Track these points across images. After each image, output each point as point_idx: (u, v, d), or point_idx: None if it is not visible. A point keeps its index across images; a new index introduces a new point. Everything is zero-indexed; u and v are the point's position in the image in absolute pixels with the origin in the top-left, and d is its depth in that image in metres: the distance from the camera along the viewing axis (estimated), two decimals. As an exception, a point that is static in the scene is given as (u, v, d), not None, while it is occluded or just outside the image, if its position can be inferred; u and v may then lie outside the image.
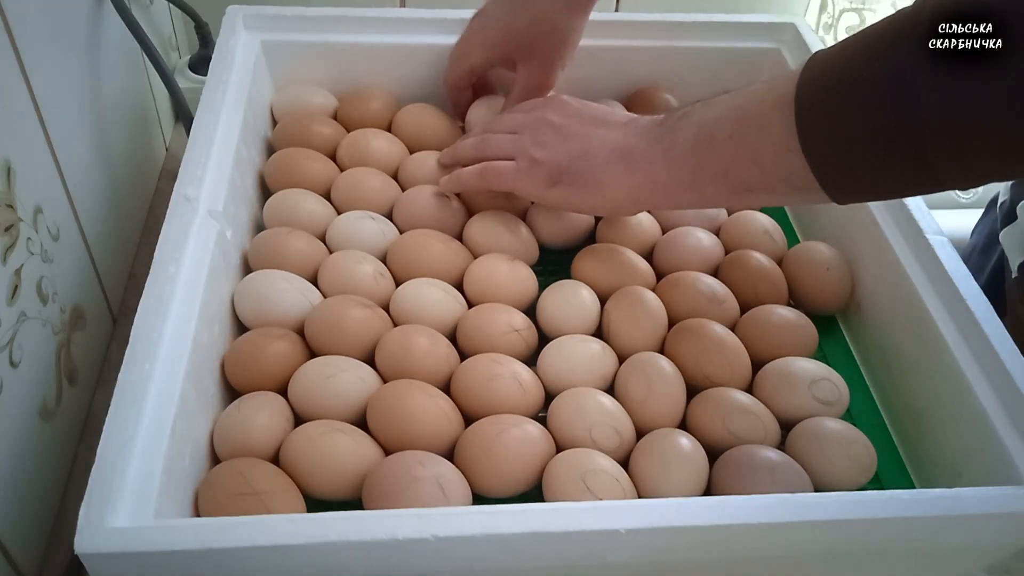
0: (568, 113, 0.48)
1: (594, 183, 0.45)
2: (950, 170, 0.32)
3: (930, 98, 0.31)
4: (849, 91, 0.33)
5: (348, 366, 0.43)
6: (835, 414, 0.45)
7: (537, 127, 0.49)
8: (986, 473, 0.41)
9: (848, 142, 0.34)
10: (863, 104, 0.33)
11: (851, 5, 0.89)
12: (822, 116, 0.35)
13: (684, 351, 0.47)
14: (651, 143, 0.43)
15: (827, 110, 0.34)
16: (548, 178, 0.47)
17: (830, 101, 0.34)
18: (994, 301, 0.44)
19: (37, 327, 0.45)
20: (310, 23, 0.60)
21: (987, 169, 0.32)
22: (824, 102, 0.35)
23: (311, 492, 0.39)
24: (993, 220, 0.65)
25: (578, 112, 0.48)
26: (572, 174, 0.46)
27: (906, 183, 0.34)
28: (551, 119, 0.48)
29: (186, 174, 0.46)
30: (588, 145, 0.46)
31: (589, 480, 0.39)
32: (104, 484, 0.33)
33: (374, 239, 0.51)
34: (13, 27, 0.43)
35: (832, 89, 0.34)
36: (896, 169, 0.33)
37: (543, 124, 0.48)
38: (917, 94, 0.31)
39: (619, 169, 0.44)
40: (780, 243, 0.55)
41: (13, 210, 0.43)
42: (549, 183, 0.47)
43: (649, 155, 0.43)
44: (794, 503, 0.35)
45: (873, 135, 0.33)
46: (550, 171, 0.47)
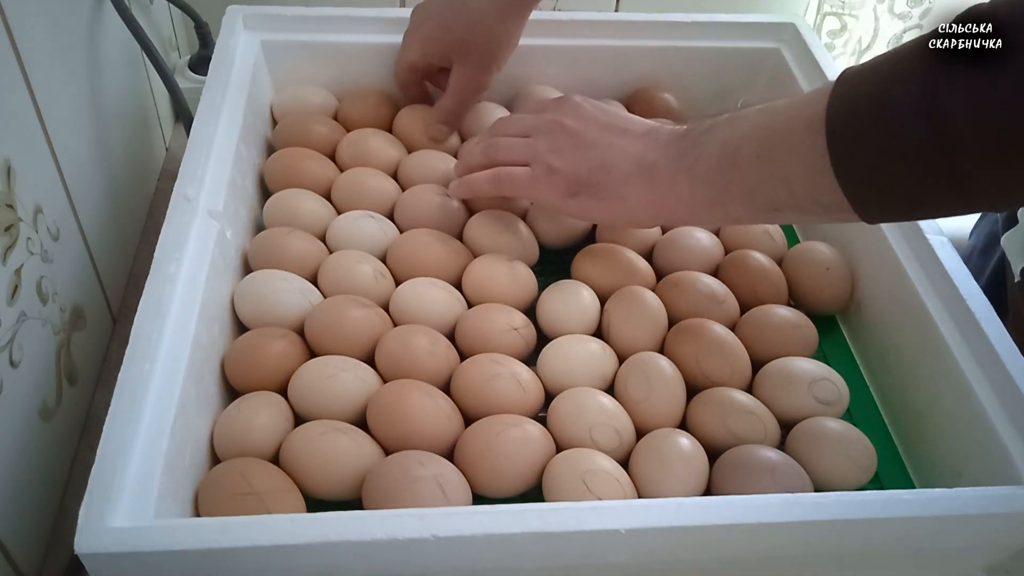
0: (584, 118, 0.46)
1: (615, 197, 0.44)
2: (984, 185, 0.31)
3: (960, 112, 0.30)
4: (882, 112, 0.33)
5: (348, 366, 0.43)
6: (835, 414, 0.45)
7: (552, 132, 0.47)
8: (986, 473, 0.41)
9: (882, 164, 0.33)
10: (896, 125, 0.32)
11: (831, 9, 0.88)
12: (854, 138, 0.34)
13: (684, 351, 0.47)
14: (674, 159, 0.42)
15: (859, 132, 0.34)
16: (566, 189, 0.45)
17: (863, 122, 0.34)
18: (996, 302, 0.44)
19: (37, 327, 0.45)
20: (310, 23, 0.60)
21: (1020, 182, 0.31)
22: (856, 124, 0.34)
23: (311, 492, 0.39)
24: (993, 221, 0.65)
25: (594, 118, 0.46)
26: (591, 186, 0.44)
27: (939, 203, 0.34)
28: (567, 124, 0.46)
29: (186, 174, 0.46)
30: (608, 156, 0.44)
31: (589, 480, 0.39)
32: (104, 484, 0.33)
33: (374, 239, 0.51)
34: (13, 27, 0.43)
35: (864, 110, 0.33)
36: (930, 189, 0.33)
37: (558, 129, 0.46)
38: (951, 111, 0.30)
39: (641, 184, 0.43)
40: (780, 243, 0.55)
41: (13, 210, 0.43)
42: (567, 194, 0.45)
43: (672, 171, 0.42)
44: (794, 503, 0.35)
45: (906, 156, 0.32)
46: (568, 182, 0.45)
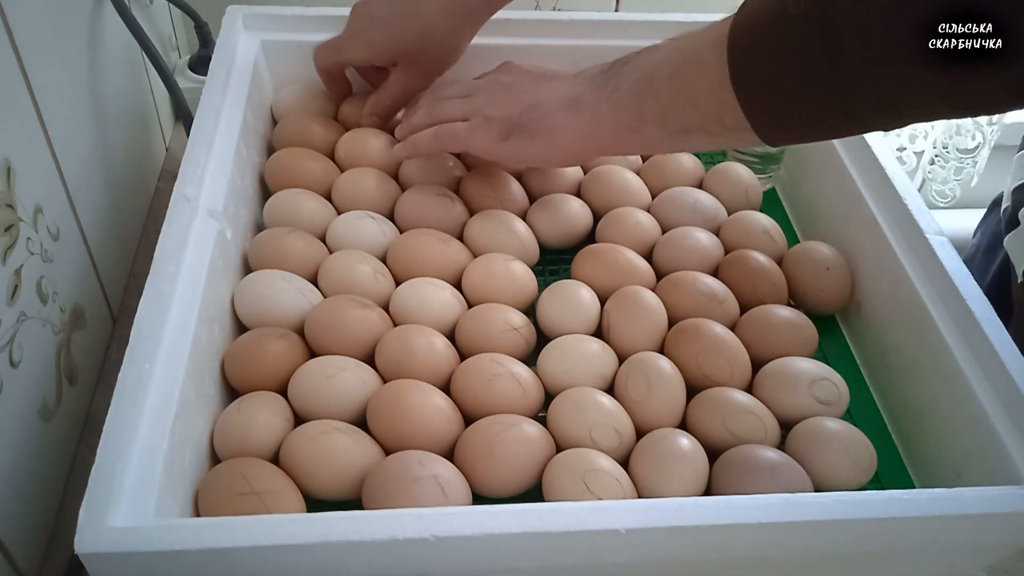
0: (519, 73, 0.50)
1: (545, 131, 0.46)
2: (865, 91, 0.32)
3: (843, 10, 0.31)
4: (776, 28, 0.34)
5: (348, 366, 0.43)
6: (835, 414, 0.45)
7: (490, 88, 0.49)
8: (986, 473, 0.41)
9: (775, 79, 0.35)
10: (787, 34, 0.33)
11: None
12: (751, 54, 0.35)
13: (684, 351, 0.47)
14: (597, 88, 0.44)
15: (756, 48, 0.35)
16: (500, 132, 0.47)
17: (759, 39, 0.35)
18: (1001, 301, 0.44)
19: (37, 327, 0.45)
20: (310, 23, 0.60)
21: (899, 86, 0.32)
22: (754, 40, 0.35)
23: (311, 492, 0.39)
24: (996, 221, 0.65)
25: (529, 72, 0.50)
26: (523, 125, 0.47)
27: (827, 115, 0.35)
28: (502, 79, 0.50)
29: (186, 174, 0.46)
30: (538, 96, 0.47)
31: (589, 480, 0.39)
32: (104, 484, 0.33)
33: (374, 239, 0.51)
34: (13, 27, 0.43)
35: (761, 26, 0.35)
36: (816, 99, 0.34)
37: (495, 84, 0.50)
38: (835, 10, 0.31)
39: (567, 115, 0.45)
40: (780, 243, 0.55)
41: (13, 210, 0.43)
42: (502, 137, 0.47)
43: (595, 99, 0.44)
44: (794, 503, 0.35)
45: (797, 71, 0.33)
46: (502, 125, 0.47)
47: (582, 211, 0.56)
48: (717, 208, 0.57)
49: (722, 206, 0.57)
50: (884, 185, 0.51)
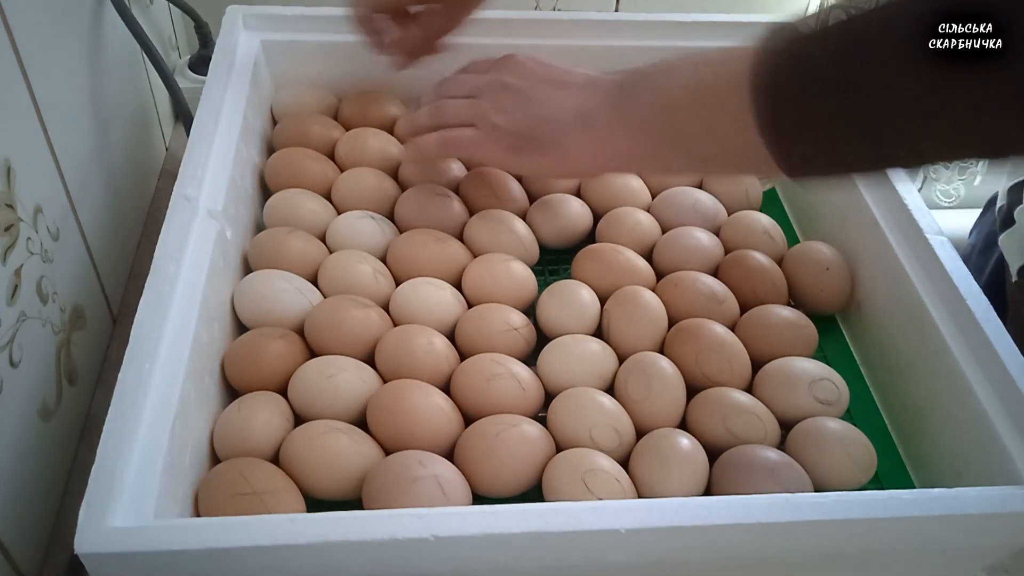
0: (526, 75, 0.48)
1: (557, 149, 0.45)
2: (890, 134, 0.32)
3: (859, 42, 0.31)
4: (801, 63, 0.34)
5: (348, 366, 0.43)
6: (835, 414, 0.45)
7: (495, 91, 0.48)
8: (986, 473, 0.41)
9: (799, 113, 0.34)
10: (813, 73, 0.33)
11: None
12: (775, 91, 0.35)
13: (684, 351, 0.47)
14: (611, 108, 0.43)
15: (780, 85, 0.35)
16: (511, 145, 0.46)
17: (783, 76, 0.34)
18: (996, 300, 0.44)
19: (37, 327, 0.45)
20: (310, 23, 0.60)
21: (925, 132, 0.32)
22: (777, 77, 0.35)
23: (311, 492, 0.39)
24: (992, 220, 0.65)
25: (536, 73, 0.48)
26: (534, 140, 0.46)
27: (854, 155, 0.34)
28: (509, 82, 0.47)
29: (186, 174, 0.46)
30: (548, 110, 0.45)
31: (589, 480, 0.39)
32: (104, 484, 0.33)
33: (374, 239, 0.51)
34: (13, 27, 0.43)
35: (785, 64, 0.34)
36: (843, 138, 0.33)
37: (501, 88, 0.48)
38: (871, 86, 0.31)
39: (580, 134, 0.44)
40: (780, 243, 0.55)
41: (13, 210, 0.43)
42: (512, 150, 0.47)
43: (610, 121, 0.43)
44: (794, 503, 0.35)
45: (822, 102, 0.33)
46: (512, 138, 0.46)
47: (582, 211, 0.56)
48: (717, 208, 0.57)
49: (722, 206, 0.57)
50: (884, 185, 0.51)
